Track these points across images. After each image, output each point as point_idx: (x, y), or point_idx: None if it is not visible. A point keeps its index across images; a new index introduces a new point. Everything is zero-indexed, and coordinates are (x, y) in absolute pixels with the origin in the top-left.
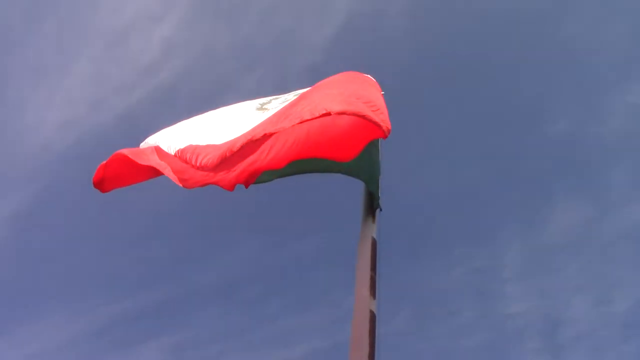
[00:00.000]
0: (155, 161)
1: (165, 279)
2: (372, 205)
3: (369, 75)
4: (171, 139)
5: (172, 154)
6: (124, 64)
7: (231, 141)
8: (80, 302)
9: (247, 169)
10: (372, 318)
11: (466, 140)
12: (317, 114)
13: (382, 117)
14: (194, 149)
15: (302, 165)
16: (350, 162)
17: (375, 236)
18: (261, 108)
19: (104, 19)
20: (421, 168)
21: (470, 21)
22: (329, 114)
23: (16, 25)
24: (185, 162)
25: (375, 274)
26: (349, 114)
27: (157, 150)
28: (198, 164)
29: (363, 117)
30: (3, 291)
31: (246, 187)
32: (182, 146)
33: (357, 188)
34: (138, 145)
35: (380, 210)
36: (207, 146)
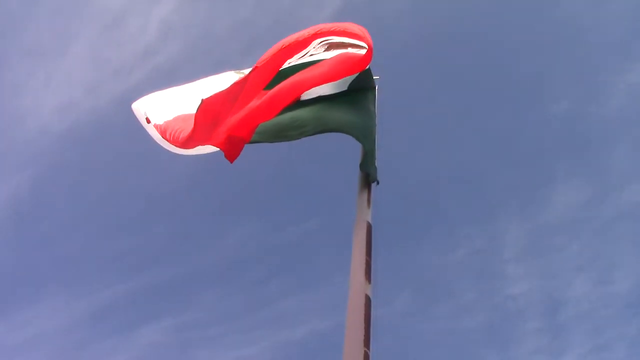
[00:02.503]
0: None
1: (166, 261)
2: (368, 182)
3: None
4: (161, 109)
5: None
6: (122, 46)
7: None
8: (80, 284)
9: (241, 123)
10: (368, 303)
11: (466, 121)
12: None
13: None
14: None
15: (299, 125)
16: (346, 120)
17: (370, 220)
18: (239, 72)
19: (101, 1)
20: (421, 148)
21: (470, 1)
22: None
23: (13, 7)
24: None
25: (370, 258)
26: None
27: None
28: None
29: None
30: (2, 275)
31: (247, 141)
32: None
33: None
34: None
35: (377, 183)
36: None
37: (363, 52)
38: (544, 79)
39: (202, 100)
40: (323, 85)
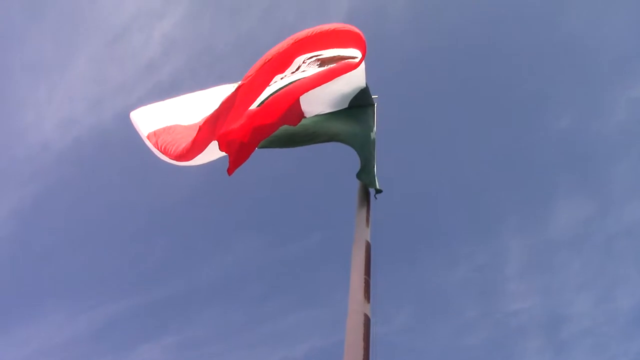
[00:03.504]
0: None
1: (166, 277)
2: (367, 201)
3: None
4: (153, 119)
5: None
6: (124, 61)
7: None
8: (80, 301)
9: (241, 128)
10: (367, 322)
11: (468, 138)
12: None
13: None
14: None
15: (303, 134)
16: (343, 130)
17: (369, 239)
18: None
19: (104, 16)
20: (423, 165)
21: (473, 19)
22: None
23: (16, 22)
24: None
25: (369, 277)
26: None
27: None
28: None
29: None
30: (2, 290)
31: (246, 143)
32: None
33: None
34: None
35: (376, 198)
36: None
37: (357, 59)
38: (545, 96)
39: (204, 120)
40: (323, 103)
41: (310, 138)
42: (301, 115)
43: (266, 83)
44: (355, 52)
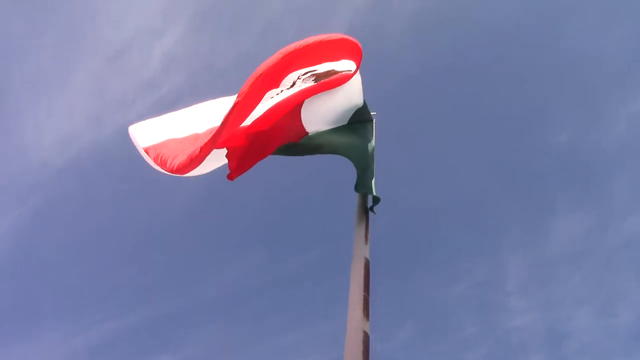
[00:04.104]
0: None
1: (164, 295)
2: (365, 218)
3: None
4: (152, 133)
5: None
6: (125, 78)
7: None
8: (78, 318)
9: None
10: (366, 339)
11: (467, 153)
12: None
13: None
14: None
15: (307, 145)
16: (340, 142)
17: (368, 256)
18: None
19: (104, 33)
20: (423, 180)
21: (473, 32)
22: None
23: (16, 38)
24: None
25: (368, 295)
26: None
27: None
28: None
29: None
30: (0, 306)
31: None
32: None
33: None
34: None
35: (378, 200)
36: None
37: (352, 71)
38: (544, 110)
39: (203, 134)
40: (324, 120)
41: (314, 149)
42: (303, 132)
43: (259, 98)
44: (348, 64)
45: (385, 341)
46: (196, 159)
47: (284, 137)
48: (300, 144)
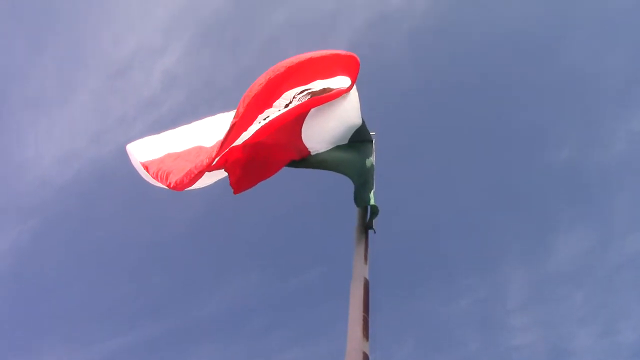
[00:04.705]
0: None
1: (166, 312)
2: (365, 238)
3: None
4: (151, 149)
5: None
6: (126, 96)
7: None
8: (79, 336)
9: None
10: None
11: (468, 170)
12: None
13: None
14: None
15: (307, 162)
16: (345, 161)
17: (367, 277)
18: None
19: (105, 51)
20: (423, 198)
21: (473, 50)
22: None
23: (17, 56)
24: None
25: (368, 315)
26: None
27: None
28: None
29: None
30: (2, 326)
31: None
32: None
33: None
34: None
35: (376, 213)
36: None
37: (347, 86)
38: (545, 127)
39: (203, 151)
40: (326, 142)
41: (315, 165)
42: (306, 152)
43: (254, 118)
44: (343, 80)
45: (386, 359)
46: (194, 178)
47: (288, 156)
48: (302, 161)
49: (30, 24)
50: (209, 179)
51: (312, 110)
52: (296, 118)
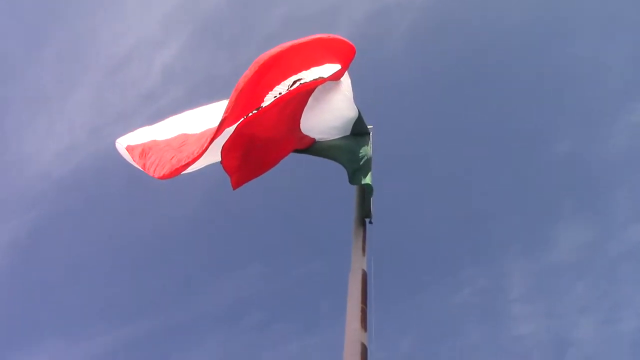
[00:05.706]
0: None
1: (165, 306)
2: (363, 229)
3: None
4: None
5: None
6: (125, 91)
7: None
8: (78, 331)
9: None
10: (364, 351)
11: (470, 162)
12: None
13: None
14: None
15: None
16: (342, 147)
17: (365, 268)
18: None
19: (104, 46)
20: (424, 190)
21: (473, 43)
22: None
23: (15, 52)
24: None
25: (366, 306)
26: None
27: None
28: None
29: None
30: (0, 321)
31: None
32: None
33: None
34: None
35: (371, 191)
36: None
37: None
38: (546, 120)
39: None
40: (324, 132)
41: (314, 152)
42: (307, 139)
43: (244, 113)
44: (334, 67)
45: (384, 351)
46: (182, 168)
47: (287, 148)
48: (305, 149)
49: (30, 19)
50: (198, 163)
51: (310, 101)
52: (293, 110)
